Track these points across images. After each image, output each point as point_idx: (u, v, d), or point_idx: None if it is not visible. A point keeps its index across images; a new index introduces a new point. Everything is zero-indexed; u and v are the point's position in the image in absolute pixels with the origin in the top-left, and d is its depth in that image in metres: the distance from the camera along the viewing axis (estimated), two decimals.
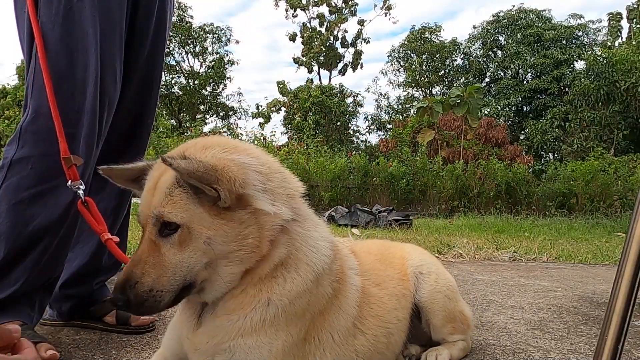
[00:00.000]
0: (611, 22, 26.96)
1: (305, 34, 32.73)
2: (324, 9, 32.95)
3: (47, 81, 1.40)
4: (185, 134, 17.75)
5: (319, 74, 34.11)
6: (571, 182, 13.88)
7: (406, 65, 34.36)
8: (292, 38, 33.50)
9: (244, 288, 1.06)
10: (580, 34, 29.85)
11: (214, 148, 1.04)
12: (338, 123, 30.11)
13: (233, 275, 1.04)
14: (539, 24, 30.00)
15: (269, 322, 1.05)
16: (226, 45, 34.72)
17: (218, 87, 32.37)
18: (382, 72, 40.81)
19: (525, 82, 29.78)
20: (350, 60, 33.83)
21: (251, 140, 15.25)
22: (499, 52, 31.74)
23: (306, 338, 1.12)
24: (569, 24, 30.25)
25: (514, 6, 31.59)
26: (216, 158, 1.01)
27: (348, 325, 1.21)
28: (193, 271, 1.01)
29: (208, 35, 31.26)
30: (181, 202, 0.99)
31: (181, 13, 29.25)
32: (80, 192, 1.39)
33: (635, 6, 23.56)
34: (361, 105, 33.80)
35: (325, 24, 32.90)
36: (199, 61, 31.84)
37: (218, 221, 0.99)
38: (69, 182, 1.39)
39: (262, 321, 1.04)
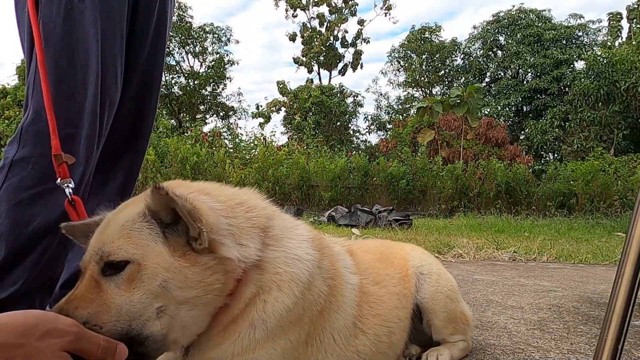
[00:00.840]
0: (611, 22, 26.96)
1: (305, 34, 32.73)
2: (324, 9, 32.98)
3: (44, 82, 1.40)
4: (185, 134, 17.74)
5: (319, 74, 34.14)
6: (571, 182, 13.89)
7: (406, 65, 34.36)
8: (292, 38, 33.50)
9: (221, 329, 1.00)
10: (580, 34, 29.85)
11: (179, 188, 0.98)
12: (338, 123, 30.11)
13: (199, 318, 0.96)
14: (539, 24, 30.00)
15: (262, 340, 1.01)
16: (226, 45, 34.72)
17: (218, 87, 32.37)
18: (382, 72, 40.87)
19: (525, 82, 29.78)
20: (350, 60, 33.84)
21: (251, 140, 15.25)
22: (499, 52, 31.74)
23: (307, 341, 1.11)
24: (569, 24, 30.26)
25: (514, 6, 31.62)
26: (192, 198, 0.95)
27: (348, 325, 1.20)
28: (141, 318, 0.89)
29: (208, 35, 31.26)
30: (139, 237, 0.92)
31: (181, 13, 29.26)
32: (69, 190, 1.36)
33: (635, 6, 23.55)
34: (361, 105, 33.83)
35: (325, 24, 32.90)
36: (199, 61, 31.86)
37: (180, 263, 0.92)
38: (59, 180, 1.37)
39: (254, 342, 1.00)
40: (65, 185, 1.36)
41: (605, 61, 20.73)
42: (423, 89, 34.32)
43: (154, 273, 0.90)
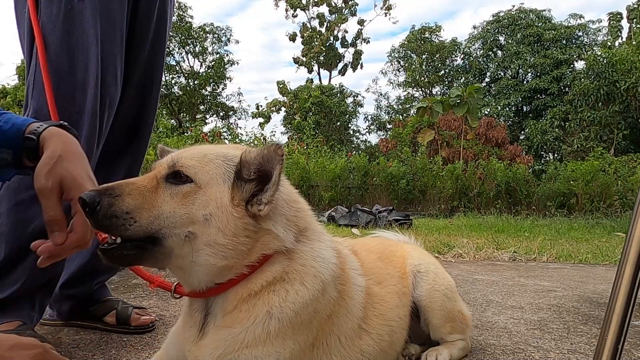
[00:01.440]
0: (611, 22, 26.95)
1: (305, 34, 32.72)
2: (324, 9, 32.98)
3: (47, 81, 1.40)
4: (185, 133, 17.73)
5: (319, 74, 34.13)
6: (571, 182, 13.88)
7: (406, 65, 34.35)
8: (292, 38, 33.50)
9: (236, 304, 1.04)
10: (580, 34, 29.84)
11: None
12: (338, 123, 30.11)
13: (211, 267, 1.01)
14: (539, 24, 29.99)
15: (274, 333, 1.03)
16: (226, 45, 34.72)
17: (218, 87, 32.36)
18: (382, 72, 40.83)
19: (525, 82, 29.77)
20: (350, 60, 33.83)
21: (251, 140, 15.24)
22: (499, 52, 31.73)
23: (314, 344, 1.12)
24: (569, 24, 30.24)
25: (514, 6, 31.61)
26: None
27: (354, 327, 1.22)
28: (172, 230, 0.97)
29: (208, 35, 31.26)
30: (213, 169, 1.00)
31: (181, 13, 29.25)
32: None
33: (635, 6, 23.55)
34: (361, 105, 33.82)
35: (325, 24, 32.89)
36: (199, 61, 31.84)
37: (231, 210, 0.99)
38: None
39: (265, 333, 1.02)
40: None
41: (605, 61, 20.72)
42: (423, 89, 34.31)
43: (206, 202, 0.98)
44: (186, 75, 31.42)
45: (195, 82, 31.22)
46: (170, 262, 1.01)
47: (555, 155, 26.36)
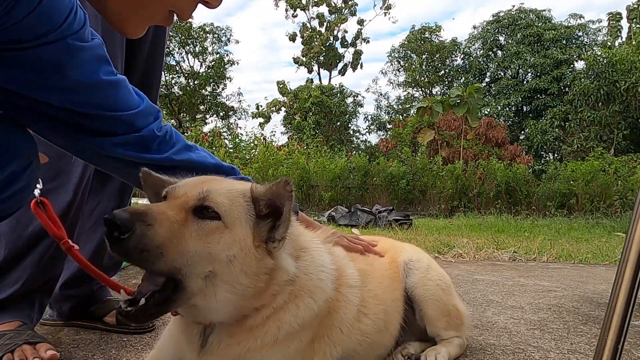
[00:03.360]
0: (611, 22, 26.96)
1: (305, 34, 32.72)
2: (323, 9, 32.98)
3: None
4: (186, 134, 17.74)
5: (319, 74, 34.14)
6: (571, 182, 13.88)
7: (406, 65, 34.36)
8: (292, 38, 33.50)
9: (245, 329, 1.04)
10: (580, 34, 29.84)
11: None
12: (338, 123, 30.11)
13: (228, 304, 0.99)
14: (539, 24, 29.99)
15: (282, 339, 1.05)
16: (226, 45, 34.72)
17: (218, 87, 32.38)
18: (382, 72, 40.83)
19: (525, 82, 29.77)
20: (350, 60, 33.84)
21: (251, 140, 15.24)
22: (499, 52, 31.73)
23: (314, 339, 1.15)
24: (569, 24, 30.24)
25: (514, 6, 31.61)
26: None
27: (354, 314, 1.25)
28: (194, 269, 0.93)
29: (208, 35, 31.27)
30: (238, 209, 0.98)
31: None
32: (37, 192, 1.34)
33: (635, 6, 23.55)
34: (361, 105, 33.84)
35: (325, 24, 32.90)
36: (199, 61, 31.86)
37: (253, 251, 0.98)
38: None
39: (273, 340, 1.05)
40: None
41: (605, 61, 20.73)
42: (423, 89, 34.31)
43: (231, 243, 0.96)
44: (186, 75, 31.43)
45: (195, 82, 31.23)
46: (189, 302, 0.98)
47: (555, 155, 26.36)
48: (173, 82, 31.03)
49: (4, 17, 0.83)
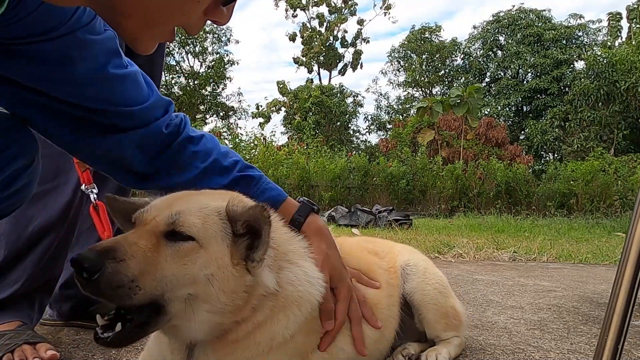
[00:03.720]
0: (611, 22, 26.97)
1: (305, 34, 32.73)
2: (323, 9, 32.98)
3: None
4: None
5: (319, 74, 34.15)
6: (571, 182, 13.89)
7: (406, 65, 34.36)
8: (292, 38, 33.51)
9: (229, 342, 1.03)
10: (580, 34, 29.86)
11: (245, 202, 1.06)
12: (338, 123, 30.12)
13: (209, 324, 0.98)
14: (539, 24, 30.00)
15: (277, 346, 1.06)
16: (226, 45, 34.70)
17: (218, 87, 32.37)
18: (382, 72, 40.84)
19: (525, 82, 29.78)
20: (350, 60, 33.85)
21: (251, 140, 15.24)
22: (499, 52, 31.74)
23: (309, 333, 1.15)
24: (569, 24, 30.26)
25: (514, 6, 31.63)
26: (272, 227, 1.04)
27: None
28: (174, 293, 0.91)
29: (208, 35, 31.25)
30: (212, 227, 0.96)
31: None
32: (93, 196, 1.35)
33: (635, 6, 23.55)
34: (361, 105, 33.85)
35: (325, 24, 32.90)
36: (199, 61, 31.85)
37: (231, 269, 0.96)
38: (83, 186, 1.35)
39: (269, 348, 1.05)
40: (90, 190, 1.33)
41: (605, 61, 20.74)
42: (423, 89, 34.32)
43: (208, 262, 0.93)
44: (186, 75, 31.42)
45: (195, 82, 31.23)
46: (170, 323, 0.97)
47: (555, 155, 26.37)
48: (173, 82, 31.03)
49: (16, 8, 0.83)
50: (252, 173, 1.26)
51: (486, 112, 28.39)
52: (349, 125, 32.30)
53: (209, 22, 0.74)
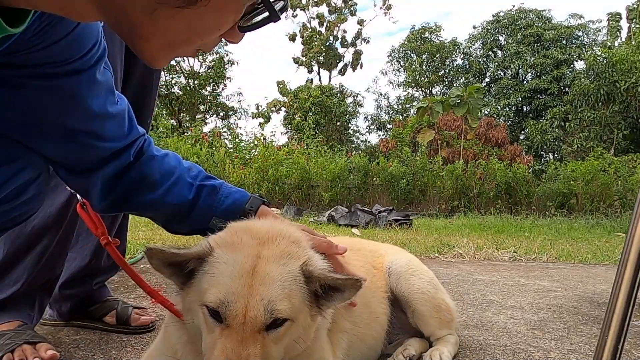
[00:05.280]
0: (611, 22, 26.95)
1: (305, 34, 32.72)
2: (323, 9, 32.97)
3: None
4: (185, 134, 17.74)
5: (319, 74, 34.11)
6: (571, 182, 13.88)
7: (406, 65, 34.35)
8: (292, 38, 33.49)
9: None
10: (580, 34, 29.85)
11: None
12: (338, 123, 30.09)
13: None
14: (539, 24, 30.00)
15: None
16: (226, 45, 34.67)
17: (218, 87, 32.34)
18: (382, 72, 40.82)
19: (525, 82, 29.78)
20: (350, 60, 33.81)
21: (251, 140, 15.25)
22: (499, 52, 31.74)
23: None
24: (569, 24, 30.25)
25: (514, 6, 31.62)
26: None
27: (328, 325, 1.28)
28: None
29: None
30: (297, 298, 0.98)
31: None
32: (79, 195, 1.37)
33: (635, 6, 23.55)
34: (361, 105, 33.83)
35: (325, 24, 32.89)
36: (198, 61, 31.80)
37: (310, 324, 1.03)
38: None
39: None
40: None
41: (605, 61, 20.72)
42: (423, 89, 34.31)
43: (296, 330, 1.00)
44: (186, 75, 31.38)
45: (195, 82, 31.20)
46: None
47: (555, 155, 26.37)
48: (173, 82, 30.98)
49: (39, 36, 0.85)
50: (213, 182, 1.29)
51: (486, 112, 28.39)
52: (349, 125, 32.28)
53: None
